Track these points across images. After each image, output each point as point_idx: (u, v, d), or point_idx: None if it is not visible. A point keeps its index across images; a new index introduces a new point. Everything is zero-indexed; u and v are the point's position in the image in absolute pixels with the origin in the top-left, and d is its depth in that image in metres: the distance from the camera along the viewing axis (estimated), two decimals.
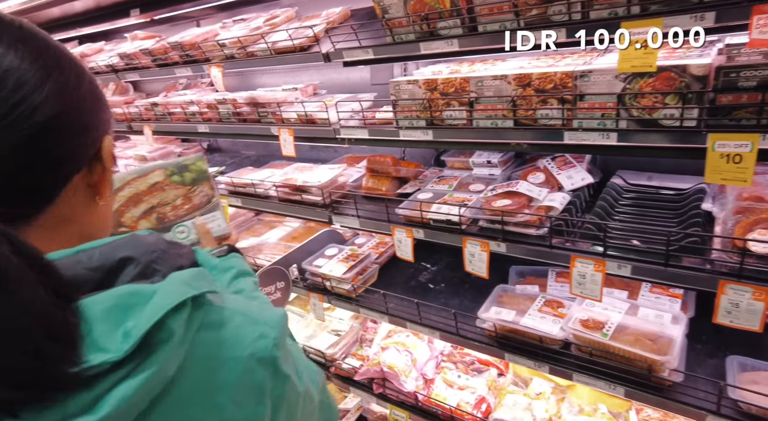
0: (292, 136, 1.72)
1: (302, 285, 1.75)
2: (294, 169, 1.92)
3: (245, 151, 2.62)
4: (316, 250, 1.82)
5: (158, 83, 2.94)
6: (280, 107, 1.75)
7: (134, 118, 2.36)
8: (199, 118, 2.07)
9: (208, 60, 1.93)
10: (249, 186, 1.88)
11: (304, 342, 1.81)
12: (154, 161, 2.49)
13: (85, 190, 0.54)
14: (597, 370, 1.19)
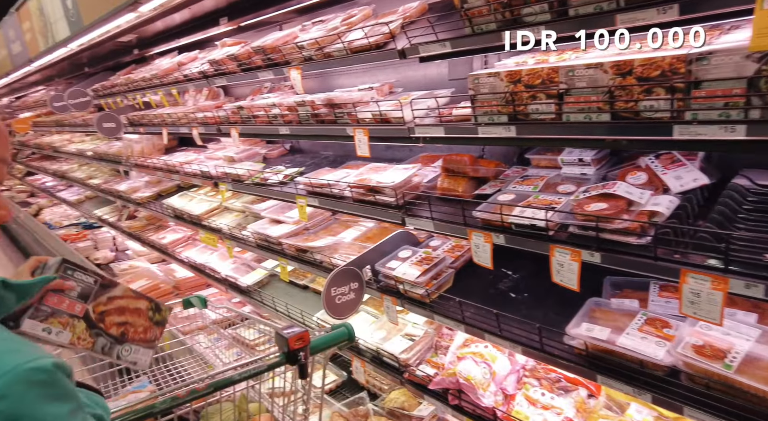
0: (367, 136, 1.70)
1: (375, 287, 1.72)
2: (368, 170, 1.89)
3: (324, 152, 2.66)
4: (389, 251, 1.78)
5: (245, 87, 3.10)
6: (355, 107, 1.73)
7: (222, 122, 2.50)
8: (280, 121, 2.12)
9: (288, 62, 1.97)
10: (325, 186, 1.89)
11: (378, 344, 1.78)
12: (241, 162, 2.62)
13: None
14: (716, 406, 1.01)
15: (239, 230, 2.43)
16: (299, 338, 0.99)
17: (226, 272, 2.69)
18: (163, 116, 3.09)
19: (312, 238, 2.16)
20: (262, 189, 2.23)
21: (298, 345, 0.99)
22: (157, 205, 3.32)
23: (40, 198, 6.43)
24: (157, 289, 3.27)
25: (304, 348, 1.01)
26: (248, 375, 1.02)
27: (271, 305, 2.30)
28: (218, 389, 0.99)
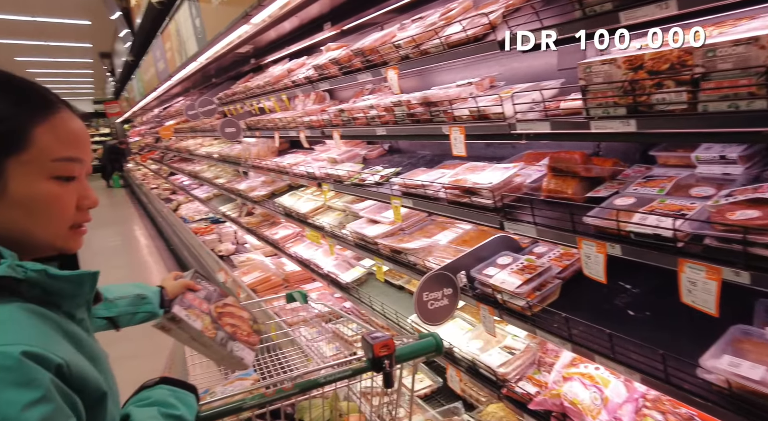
0: (463, 134, 1.61)
1: (471, 294, 1.63)
2: (465, 170, 1.80)
3: (422, 152, 2.62)
4: (487, 256, 1.68)
5: (349, 90, 3.18)
6: (451, 104, 1.66)
7: (326, 124, 2.59)
8: (377, 122, 2.13)
9: (386, 63, 1.96)
10: (419, 187, 1.84)
11: (474, 355, 1.69)
12: (342, 163, 2.69)
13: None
14: None
15: (339, 229, 2.50)
16: (384, 346, 0.95)
17: (329, 268, 2.79)
18: (275, 121, 3.31)
19: (407, 239, 2.13)
20: (360, 189, 2.26)
21: (383, 353, 0.95)
22: (270, 203, 3.58)
23: (179, 195, 7.39)
24: (269, 280, 3.52)
25: (389, 356, 0.98)
26: (333, 379, 1.02)
27: (368, 304, 2.32)
28: (304, 390, 1.00)
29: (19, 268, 0.64)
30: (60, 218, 0.71)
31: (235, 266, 4.16)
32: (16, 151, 0.66)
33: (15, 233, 0.68)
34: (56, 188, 0.70)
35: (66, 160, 0.71)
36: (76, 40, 9.82)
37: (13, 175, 0.66)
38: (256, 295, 3.34)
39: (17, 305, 0.64)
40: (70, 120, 0.73)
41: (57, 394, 0.59)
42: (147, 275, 6.01)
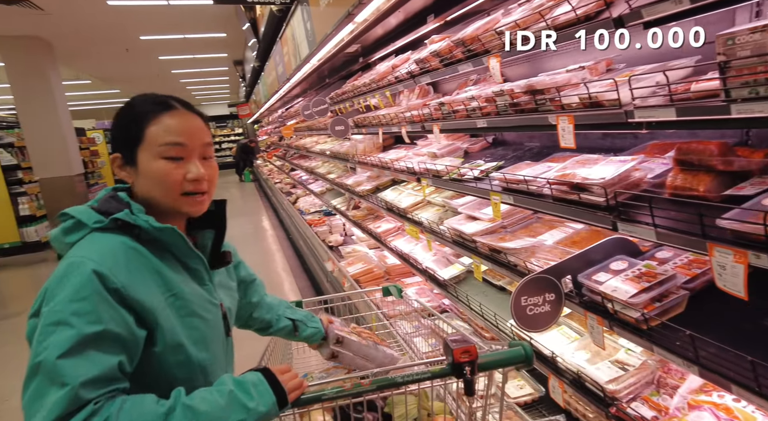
0: (572, 124, 1.46)
1: (577, 301, 1.48)
2: (574, 163, 1.63)
3: (528, 143, 2.45)
4: (598, 260, 1.51)
5: (452, 82, 3.11)
6: (559, 92, 1.51)
7: (426, 119, 2.56)
8: (478, 114, 2.04)
9: (488, 51, 1.86)
10: (520, 183, 1.72)
11: (579, 366, 1.54)
12: (442, 158, 2.65)
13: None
14: None
15: (437, 225, 2.46)
16: (465, 352, 0.91)
17: (427, 263, 2.77)
18: (379, 117, 3.38)
19: (508, 237, 2.02)
20: (459, 185, 2.20)
21: (463, 359, 0.91)
22: (374, 197, 3.67)
23: (298, 189, 7.99)
24: (371, 272, 3.63)
25: (471, 363, 0.93)
26: (410, 380, 1.00)
27: (465, 303, 2.26)
28: (381, 388, 1.00)
29: (133, 216, 0.94)
30: (171, 187, 0.99)
31: (342, 256, 4.36)
32: (140, 143, 0.99)
33: (149, 198, 1.00)
34: (166, 165, 0.98)
35: (168, 144, 0.99)
36: (215, 52, 11.14)
37: (140, 159, 0.99)
38: (358, 285, 3.46)
39: (121, 239, 0.93)
40: (172, 117, 1.01)
41: (98, 302, 0.84)
42: (270, 260, 6.61)
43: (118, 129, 1.02)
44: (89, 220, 0.94)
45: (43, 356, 0.78)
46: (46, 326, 0.81)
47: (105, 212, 0.95)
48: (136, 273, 0.91)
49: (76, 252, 0.90)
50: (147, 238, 0.96)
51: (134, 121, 1.00)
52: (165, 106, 1.02)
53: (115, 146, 1.03)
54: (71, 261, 0.87)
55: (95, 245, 0.91)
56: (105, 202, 0.97)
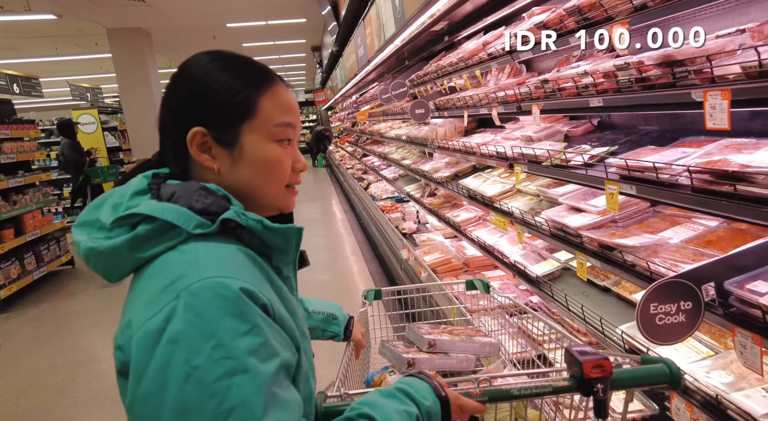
0: (727, 100, 1.20)
1: (722, 313, 1.24)
2: (722, 148, 1.37)
3: (644, 127, 2.15)
4: (752, 266, 1.24)
5: (551, 60, 2.83)
6: (711, 61, 1.25)
7: (524, 98, 2.34)
8: (591, 91, 1.80)
9: (611, 18, 1.62)
10: (649, 170, 1.48)
11: (719, 390, 1.30)
12: (539, 142, 2.42)
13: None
14: None
15: (532, 216, 2.25)
16: (598, 366, 0.76)
17: (515, 257, 2.57)
18: (465, 99, 3.19)
19: (621, 233, 1.77)
20: (563, 172, 1.97)
21: (595, 374, 0.77)
22: (454, 184, 3.50)
23: (370, 175, 7.99)
24: (449, 263, 3.48)
25: (604, 379, 0.78)
26: (529, 394, 0.84)
27: (563, 302, 2.04)
28: (493, 400, 0.85)
29: (242, 215, 0.72)
30: (281, 177, 0.80)
31: (417, 245, 4.25)
32: (249, 118, 0.76)
33: (247, 190, 0.78)
34: (279, 150, 0.79)
35: (284, 125, 0.79)
36: (294, 38, 11.40)
37: (247, 139, 0.77)
38: (436, 276, 3.33)
39: (238, 247, 0.72)
40: (285, 91, 0.82)
41: (265, 328, 0.64)
42: (340, 244, 6.69)
43: (210, 95, 0.74)
44: (188, 223, 0.67)
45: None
46: (215, 382, 0.56)
47: (203, 211, 0.69)
48: (268, 287, 0.71)
49: (189, 272, 0.63)
50: (251, 242, 0.74)
51: (244, 88, 0.75)
52: (270, 75, 0.80)
53: (193, 119, 0.75)
54: (200, 286, 0.61)
55: (214, 257, 0.66)
56: (196, 195, 0.70)
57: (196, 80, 0.76)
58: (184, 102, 0.77)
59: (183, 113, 0.77)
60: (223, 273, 0.64)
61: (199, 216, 0.69)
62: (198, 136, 0.75)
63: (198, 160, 0.77)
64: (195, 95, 0.76)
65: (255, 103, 0.76)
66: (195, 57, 0.79)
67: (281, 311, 0.70)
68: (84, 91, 10.26)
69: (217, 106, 0.75)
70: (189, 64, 0.79)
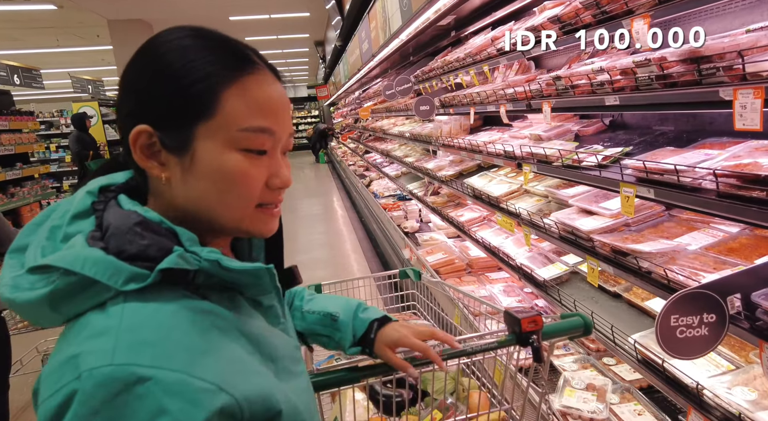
0: (761, 98, 1.12)
1: (748, 327, 1.16)
2: (751, 150, 1.29)
3: (659, 127, 2.07)
4: None
5: (561, 57, 2.75)
6: (743, 57, 1.17)
7: (534, 95, 2.26)
8: (607, 89, 1.72)
9: (630, 12, 1.53)
10: (669, 172, 1.40)
11: (742, 408, 1.22)
12: (549, 141, 2.34)
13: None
14: None
15: (541, 217, 2.17)
16: (532, 321, 0.92)
17: (521, 260, 2.49)
18: (472, 96, 3.10)
19: (635, 238, 1.70)
20: (574, 172, 1.89)
21: (530, 328, 0.92)
22: (458, 183, 3.42)
23: (372, 172, 7.90)
24: (452, 263, 3.40)
25: (537, 332, 0.93)
26: (480, 350, 0.96)
27: (571, 308, 1.97)
28: (451, 357, 0.94)
29: (192, 257, 0.56)
30: (245, 195, 0.61)
31: (419, 244, 4.17)
32: (205, 118, 0.58)
33: (202, 209, 0.61)
34: (242, 162, 0.59)
35: (253, 130, 0.60)
36: (297, 32, 11.29)
37: (201, 144, 0.58)
38: (439, 276, 3.26)
39: (182, 304, 0.55)
40: (264, 84, 0.61)
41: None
42: (340, 241, 6.62)
43: (162, 82, 0.58)
44: (115, 279, 0.52)
45: None
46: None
47: (136, 258, 0.54)
48: (227, 353, 0.56)
49: (100, 347, 0.49)
50: (207, 283, 0.59)
51: (203, 77, 0.57)
52: (247, 62, 0.61)
53: (141, 112, 0.59)
54: (107, 373, 0.47)
55: (141, 330, 0.51)
56: (130, 235, 0.55)
57: (153, 59, 0.59)
58: (136, 86, 0.60)
59: (132, 101, 0.60)
60: (145, 359, 0.48)
61: (132, 265, 0.53)
62: (142, 137, 0.58)
63: (142, 166, 0.60)
64: (147, 79, 0.59)
65: (215, 98, 0.57)
66: (170, 28, 0.61)
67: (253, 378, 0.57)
68: (85, 83, 10.18)
69: (168, 98, 0.57)
70: (158, 35, 0.61)
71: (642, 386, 1.91)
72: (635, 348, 1.60)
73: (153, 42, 0.61)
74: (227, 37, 0.63)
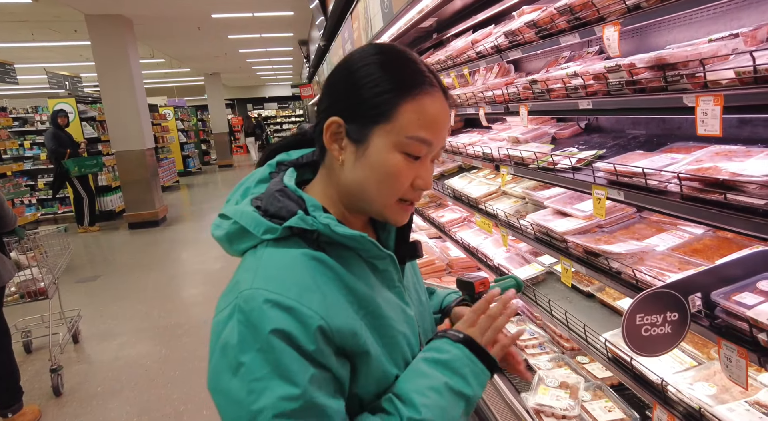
0: (720, 105, 1.17)
1: (708, 324, 1.21)
2: (712, 155, 1.34)
3: (631, 131, 2.13)
4: (738, 277, 1.22)
5: (539, 60, 2.80)
6: (704, 65, 1.22)
7: (512, 99, 2.30)
8: (581, 93, 1.76)
9: (602, 19, 1.58)
10: (637, 176, 1.44)
11: (702, 402, 1.27)
12: (526, 143, 2.38)
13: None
14: None
15: (517, 219, 2.21)
16: (482, 283, 1.05)
17: (499, 260, 2.54)
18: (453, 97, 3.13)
19: (607, 239, 1.74)
20: (550, 175, 1.93)
21: (481, 289, 1.04)
22: (439, 184, 3.45)
23: None
24: (433, 264, 3.44)
25: (486, 291, 1.02)
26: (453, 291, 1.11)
27: (547, 308, 2.01)
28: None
29: (311, 219, 0.73)
30: (395, 189, 0.75)
31: None
32: (383, 122, 0.73)
33: (360, 190, 0.77)
34: (401, 162, 0.74)
35: (417, 140, 0.73)
36: (281, 31, 11.21)
37: (375, 141, 0.74)
38: None
39: (306, 253, 0.72)
40: (435, 102, 0.75)
41: (283, 353, 0.65)
42: None
43: (356, 89, 0.74)
44: (257, 230, 0.73)
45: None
46: (253, 381, 0.63)
47: (274, 216, 0.74)
48: (330, 295, 0.70)
49: (247, 277, 0.70)
50: (327, 240, 0.75)
51: (389, 90, 0.72)
52: (424, 81, 0.74)
53: (337, 107, 0.76)
54: (249, 295, 0.67)
55: (271, 267, 0.70)
56: (272, 199, 0.76)
57: (353, 71, 0.76)
58: (336, 88, 0.78)
59: (332, 99, 0.78)
60: (271, 287, 0.67)
61: (270, 221, 0.73)
62: (333, 126, 0.76)
63: (327, 147, 0.78)
64: (346, 85, 0.76)
65: (394, 108, 0.73)
66: (365, 46, 0.79)
67: (343, 320, 0.70)
68: (62, 79, 9.93)
69: (358, 102, 0.74)
70: (356, 52, 0.79)
71: (613, 384, 1.97)
72: (606, 347, 1.64)
73: (352, 56, 0.78)
74: (410, 57, 0.77)
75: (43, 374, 3.50)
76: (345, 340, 0.69)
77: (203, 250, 6.79)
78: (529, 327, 2.50)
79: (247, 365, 0.63)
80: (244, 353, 0.64)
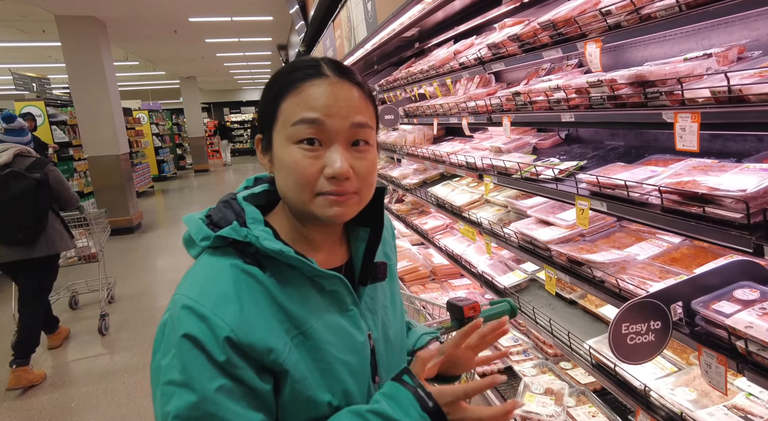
0: (697, 122, 1.22)
1: (688, 332, 1.25)
2: (690, 169, 1.39)
3: (610, 141, 2.20)
4: (716, 286, 1.27)
5: (520, 72, 2.87)
6: (682, 84, 1.27)
7: (495, 110, 2.34)
8: (563, 106, 1.81)
9: (584, 35, 1.63)
10: (619, 188, 1.49)
11: (683, 407, 1.31)
12: (509, 153, 2.42)
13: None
14: None
15: (501, 227, 2.25)
16: (472, 308, 1.04)
17: (483, 267, 2.57)
18: (435, 107, 3.17)
19: (589, 248, 1.79)
20: (532, 185, 1.98)
21: (471, 314, 1.04)
22: (422, 192, 3.48)
23: None
24: (416, 271, 3.45)
25: (476, 316, 1.04)
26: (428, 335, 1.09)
27: (530, 315, 2.05)
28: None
29: (244, 230, 0.73)
30: (302, 183, 0.73)
31: None
32: (274, 121, 0.76)
33: (284, 195, 0.78)
34: (296, 153, 0.72)
35: (300, 122, 0.72)
36: (259, 35, 11.12)
37: (275, 142, 0.76)
38: (403, 284, 3.30)
39: (234, 263, 0.72)
40: (320, 85, 0.73)
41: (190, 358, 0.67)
42: None
43: (260, 105, 0.80)
44: (197, 236, 0.75)
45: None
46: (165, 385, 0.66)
47: (216, 225, 0.75)
48: (250, 308, 0.69)
49: (182, 282, 0.73)
50: (265, 254, 0.73)
51: (272, 89, 0.76)
52: (313, 71, 0.73)
53: (259, 126, 0.81)
54: (177, 299, 0.69)
55: (199, 274, 0.72)
56: (217, 209, 0.78)
57: (265, 87, 0.81)
58: (259, 107, 0.82)
59: (258, 120, 0.82)
60: (191, 294, 0.69)
61: (207, 230, 0.74)
62: (258, 142, 0.81)
63: (261, 163, 0.81)
64: (261, 101, 0.81)
65: (278, 107, 0.75)
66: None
67: (259, 336, 0.68)
68: (29, 80, 9.58)
69: (261, 116, 0.79)
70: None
71: (596, 389, 2.01)
72: (590, 353, 1.69)
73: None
74: (309, 59, 0.76)
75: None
76: (260, 355, 0.67)
77: (179, 257, 6.64)
78: (513, 333, 2.54)
79: (164, 367, 0.66)
80: (164, 356, 0.67)
